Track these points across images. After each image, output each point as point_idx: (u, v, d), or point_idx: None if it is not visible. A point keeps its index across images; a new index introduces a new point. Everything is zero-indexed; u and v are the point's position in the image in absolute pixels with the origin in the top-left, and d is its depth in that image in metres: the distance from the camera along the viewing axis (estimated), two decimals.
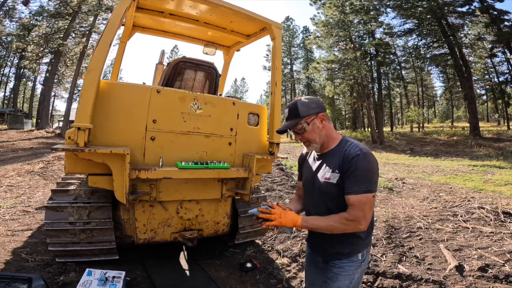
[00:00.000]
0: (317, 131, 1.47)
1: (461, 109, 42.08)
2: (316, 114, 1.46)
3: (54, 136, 18.00)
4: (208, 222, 2.88)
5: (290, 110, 1.48)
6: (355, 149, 1.37)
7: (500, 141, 20.33)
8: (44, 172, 7.08)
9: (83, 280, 2.08)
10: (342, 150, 1.42)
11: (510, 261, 2.74)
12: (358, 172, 1.31)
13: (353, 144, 1.42)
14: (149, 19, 3.45)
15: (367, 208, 1.31)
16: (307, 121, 1.46)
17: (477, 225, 3.71)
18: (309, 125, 1.46)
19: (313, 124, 1.46)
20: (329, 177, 1.43)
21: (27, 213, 4.14)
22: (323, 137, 1.48)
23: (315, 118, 1.46)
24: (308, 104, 1.47)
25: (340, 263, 1.46)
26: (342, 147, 1.44)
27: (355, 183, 1.31)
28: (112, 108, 2.27)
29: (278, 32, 3.00)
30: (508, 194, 5.49)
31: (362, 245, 1.47)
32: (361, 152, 1.35)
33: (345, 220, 1.31)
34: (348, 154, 1.37)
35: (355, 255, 1.45)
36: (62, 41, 21.68)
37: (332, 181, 1.41)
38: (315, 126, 1.46)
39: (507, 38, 20.63)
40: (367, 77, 25.48)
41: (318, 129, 1.47)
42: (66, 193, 2.58)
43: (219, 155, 2.70)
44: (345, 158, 1.37)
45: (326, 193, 1.45)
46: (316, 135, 1.47)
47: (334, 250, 1.47)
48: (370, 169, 1.34)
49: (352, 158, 1.34)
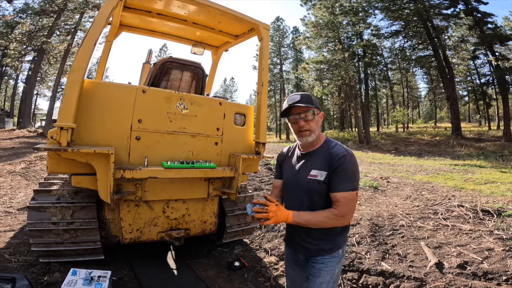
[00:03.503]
0: (319, 125, 1.59)
1: (444, 110, 43.30)
2: (320, 110, 1.60)
3: (37, 135, 17.47)
4: (195, 222, 2.88)
5: (303, 96, 1.55)
6: (342, 150, 1.48)
7: (481, 141, 21.06)
8: (26, 172, 6.89)
9: (68, 279, 2.06)
10: (328, 150, 1.52)
11: (488, 258, 2.83)
12: (346, 172, 1.42)
13: (338, 145, 1.54)
14: (137, 19, 3.43)
15: (353, 204, 1.44)
16: (316, 112, 1.56)
17: (456, 223, 3.84)
18: (315, 117, 1.55)
19: (319, 117, 1.59)
20: (316, 174, 1.50)
21: (9, 214, 4.03)
22: (319, 133, 1.59)
23: (319, 114, 1.59)
24: (316, 100, 1.60)
25: (323, 259, 1.52)
26: (328, 146, 1.54)
27: (342, 181, 1.42)
28: (96, 108, 2.25)
29: (266, 33, 3.03)
30: (488, 192, 5.70)
31: (342, 241, 1.56)
32: (347, 153, 1.47)
33: (334, 215, 1.41)
34: (335, 154, 1.47)
35: (336, 251, 1.53)
36: (46, 38, 21.06)
37: (319, 179, 1.48)
38: (319, 121, 1.59)
39: (490, 40, 21.35)
40: (355, 78, 25.90)
41: (319, 124, 1.59)
42: (48, 193, 2.54)
43: (205, 155, 2.72)
44: (333, 158, 1.46)
45: (311, 189, 1.51)
46: (317, 128, 1.57)
47: (317, 247, 1.53)
48: (355, 169, 1.47)
49: (340, 158, 1.44)
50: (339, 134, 29.66)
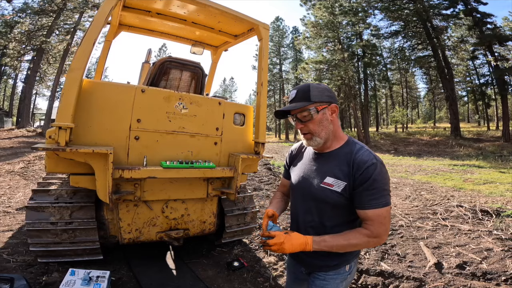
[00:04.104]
0: (325, 124, 1.25)
1: (443, 110, 43.43)
2: (329, 103, 1.25)
3: (35, 135, 17.44)
4: (194, 222, 2.88)
5: (299, 91, 1.26)
6: (369, 157, 1.19)
7: (479, 141, 21.11)
8: (24, 172, 6.87)
9: (66, 280, 2.05)
10: (350, 155, 1.22)
11: (487, 258, 2.84)
12: (377, 185, 1.16)
13: (363, 149, 1.23)
14: (136, 18, 3.42)
15: (388, 221, 1.19)
16: (317, 108, 1.23)
17: (455, 223, 3.84)
18: (319, 113, 1.23)
19: (323, 114, 1.24)
20: (331, 183, 1.23)
21: (8, 213, 4.02)
22: (329, 133, 1.27)
23: (327, 108, 1.24)
24: (322, 90, 1.25)
25: (325, 275, 1.32)
26: (350, 150, 1.24)
27: (374, 196, 1.16)
28: (95, 107, 2.24)
29: (266, 33, 3.03)
30: (486, 192, 5.72)
31: (351, 256, 1.33)
32: (377, 161, 1.18)
33: (367, 237, 1.17)
34: (361, 162, 1.18)
35: (343, 267, 1.32)
36: (45, 38, 21.03)
37: (335, 189, 1.22)
38: (324, 117, 1.25)
39: (489, 41, 21.40)
40: (354, 78, 25.94)
41: (327, 122, 1.25)
42: (47, 193, 2.53)
43: (204, 155, 2.71)
44: (358, 167, 1.18)
45: (323, 199, 1.26)
46: (323, 128, 1.25)
47: (322, 263, 1.32)
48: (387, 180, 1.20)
49: (368, 168, 1.16)
50: None
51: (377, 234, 1.17)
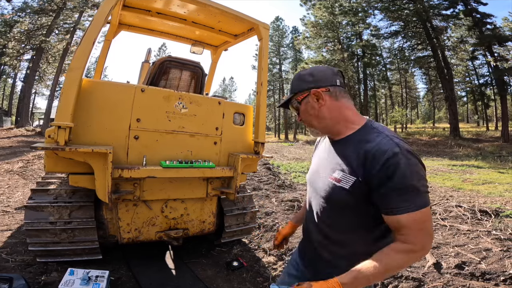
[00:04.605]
0: (313, 112, 1.10)
1: (442, 110, 43.49)
2: (308, 89, 1.09)
3: (35, 134, 17.40)
4: (193, 221, 2.88)
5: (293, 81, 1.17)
6: (389, 145, 0.92)
7: (479, 141, 21.15)
8: (23, 171, 6.86)
9: (65, 279, 2.05)
10: (364, 144, 0.98)
11: (486, 258, 2.84)
12: (406, 182, 0.88)
13: (383, 136, 0.96)
14: (136, 18, 3.41)
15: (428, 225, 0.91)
16: (297, 99, 1.13)
17: (454, 223, 3.85)
18: (301, 104, 1.12)
19: (306, 103, 1.11)
20: (339, 178, 1.01)
21: (6, 213, 4.01)
22: (325, 120, 1.09)
23: (308, 96, 1.09)
24: (303, 77, 1.12)
25: None
26: (365, 138, 1.00)
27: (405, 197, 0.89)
28: (95, 107, 2.24)
29: (266, 32, 3.02)
30: (485, 193, 5.72)
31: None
32: (400, 149, 0.90)
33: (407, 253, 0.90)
34: (378, 153, 0.92)
35: None
36: (44, 37, 21.00)
37: (342, 185, 1.00)
38: (309, 106, 1.10)
39: (489, 41, 21.44)
40: (354, 78, 25.97)
41: (314, 110, 1.09)
42: (46, 193, 2.52)
43: (204, 154, 2.71)
44: (374, 159, 0.92)
45: (331, 198, 1.06)
46: (312, 118, 1.11)
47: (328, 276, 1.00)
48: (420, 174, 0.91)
49: (388, 160, 0.89)
50: None
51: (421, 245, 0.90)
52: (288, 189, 6.02)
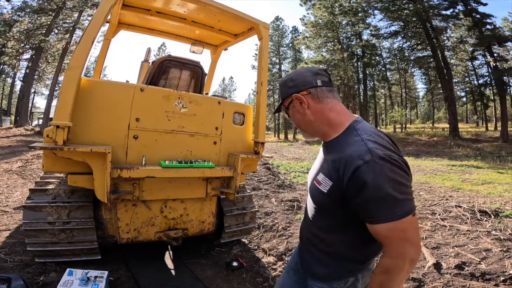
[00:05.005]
0: (299, 117, 1.10)
1: (441, 110, 43.53)
2: (290, 95, 1.09)
3: (34, 133, 17.37)
4: (193, 221, 2.87)
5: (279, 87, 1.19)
6: (361, 150, 0.88)
7: (478, 141, 21.18)
8: (22, 171, 6.84)
9: (64, 280, 2.04)
10: (345, 146, 0.95)
11: (486, 259, 2.84)
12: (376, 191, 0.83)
13: (358, 140, 0.92)
14: (135, 17, 3.40)
15: (411, 234, 0.86)
16: (284, 105, 1.13)
17: (454, 223, 3.84)
18: (289, 109, 1.13)
19: (293, 108, 1.11)
20: (320, 181, 1.01)
21: (5, 213, 4.00)
22: (311, 123, 1.08)
23: (292, 101, 1.09)
24: (286, 83, 1.12)
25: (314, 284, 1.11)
26: (346, 140, 0.98)
27: (377, 207, 0.85)
28: (94, 106, 2.23)
29: (266, 32, 3.02)
30: (485, 193, 5.72)
31: (344, 269, 1.05)
32: (372, 157, 0.85)
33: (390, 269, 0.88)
34: (349, 160, 0.88)
35: (335, 281, 1.05)
36: (44, 37, 20.96)
37: (322, 188, 0.99)
38: (295, 111, 1.10)
39: (488, 41, 21.46)
40: (354, 78, 25.98)
41: (300, 114, 1.09)
42: (44, 193, 2.51)
43: (203, 154, 2.70)
44: (346, 166, 0.89)
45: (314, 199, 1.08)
46: (300, 121, 1.11)
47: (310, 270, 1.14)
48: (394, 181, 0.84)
49: (358, 169, 0.85)
50: None
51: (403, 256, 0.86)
52: (288, 189, 6.01)
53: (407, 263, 0.87)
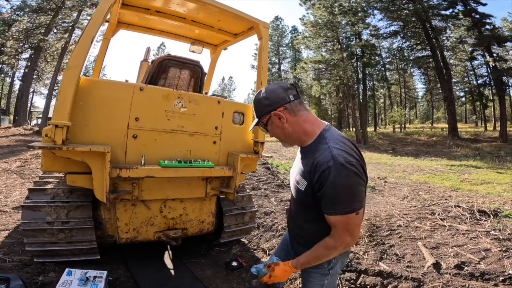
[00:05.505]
0: (278, 131, 1.27)
1: (440, 110, 43.61)
2: (269, 112, 1.23)
3: (32, 133, 17.32)
4: (192, 221, 2.86)
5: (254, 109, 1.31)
6: (327, 157, 1.09)
7: (477, 141, 21.21)
8: (21, 170, 6.82)
9: (63, 280, 2.03)
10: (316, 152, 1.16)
11: (485, 259, 2.84)
12: (336, 190, 1.07)
13: (325, 148, 1.13)
14: (135, 16, 3.39)
15: (353, 227, 1.12)
16: (263, 122, 1.27)
17: (453, 223, 3.85)
18: (267, 125, 1.28)
19: (272, 124, 1.26)
20: (298, 180, 1.23)
21: (4, 212, 3.99)
22: (290, 135, 1.26)
23: (270, 117, 1.24)
24: (261, 102, 1.25)
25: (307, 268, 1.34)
26: (317, 146, 1.18)
27: (332, 203, 1.10)
28: (93, 106, 2.22)
29: (265, 31, 3.01)
30: (484, 193, 5.73)
31: None
32: (335, 163, 1.06)
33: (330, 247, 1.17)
34: (318, 164, 1.10)
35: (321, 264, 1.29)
36: (43, 36, 20.91)
37: (299, 187, 1.22)
38: (274, 126, 1.26)
39: (488, 41, 21.48)
40: (353, 78, 25.94)
41: (279, 128, 1.25)
42: (43, 192, 2.50)
43: (203, 154, 2.69)
44: (316, 169, 1.11)
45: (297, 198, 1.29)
46: (280, 134, 1.28)
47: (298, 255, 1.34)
48: (348, 186, 1.08)
49: (323, 172, 1.08)
50: None
51: (341, 241, 1.14)
52: (287, 189, 6.01)
53: (342, 247, 1.17)
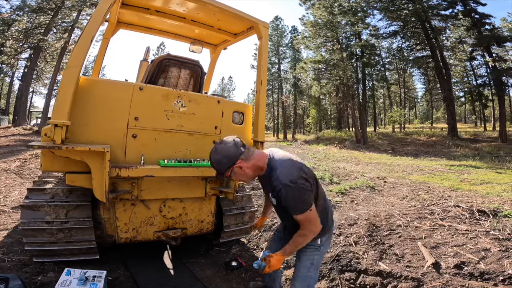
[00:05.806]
0: (242, 176, 1.67)
1: (440, 110, 43.67)
2: (229, 168, 1.63)
3: (32, 133, 17.29)
4: (192, 221, 2.86)
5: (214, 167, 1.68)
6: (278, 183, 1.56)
7: (476, 141, 21.22)
8: (20, 170, 6.81)
9: (62, 279, 2.03)
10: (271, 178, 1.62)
11: (484, 258, 2.84)
12: (289, 203, 1.57)
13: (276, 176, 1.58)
14: (135, 16, 3.39)
15: (311, 219, 1.61)
16: (227, 175, 1.66)
17: (453, 223, 3.84)
18: (232, 175, 1.66)
19: (235, 174, 1.65)
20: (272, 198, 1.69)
21: (3, 212, 3.98)
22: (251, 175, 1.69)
23: (232, 170, 1.64)
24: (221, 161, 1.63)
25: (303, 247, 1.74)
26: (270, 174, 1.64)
27: (292, 209, 1.58)
28: (92, 105, 2.22)
29: (265, 31, 3.01)
30: (483, 193, 5.73)
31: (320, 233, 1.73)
32: (282, 186, 1.53)
33: (303, 235, 1.64)
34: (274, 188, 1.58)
35: (314, 240, 1.73)
36: (42, 36, 20.87)
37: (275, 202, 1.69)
38: (237, 174, 1.66)
39: (487, 42, 21.46)
40: (353, 78, 25.91)
41: (242, 175, 1.66)
42: (42, 192, 2.49)
43: (203, 153, 2.69)
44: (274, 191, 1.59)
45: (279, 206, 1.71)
46: (244, 178, 1.69)
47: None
48: (296, 197, 1.55)
49: (278, 193, 1.55)
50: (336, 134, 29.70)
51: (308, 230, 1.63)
52: None
53: (311, 234, 1.65)
